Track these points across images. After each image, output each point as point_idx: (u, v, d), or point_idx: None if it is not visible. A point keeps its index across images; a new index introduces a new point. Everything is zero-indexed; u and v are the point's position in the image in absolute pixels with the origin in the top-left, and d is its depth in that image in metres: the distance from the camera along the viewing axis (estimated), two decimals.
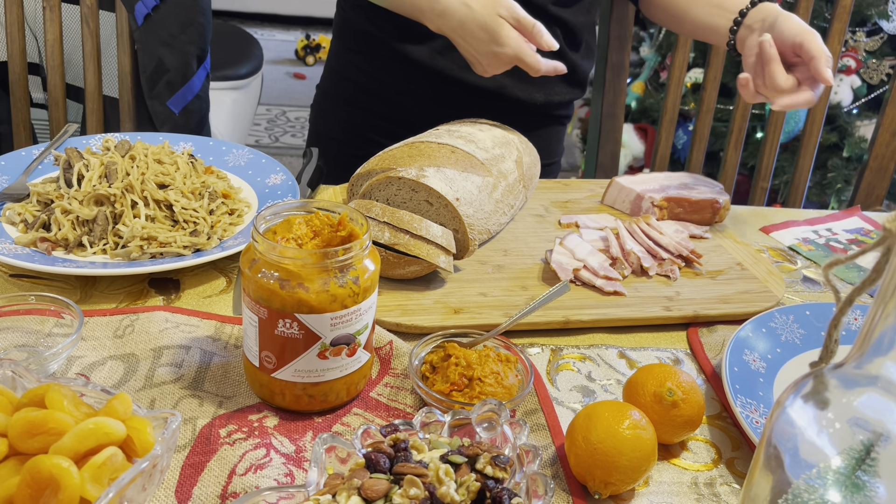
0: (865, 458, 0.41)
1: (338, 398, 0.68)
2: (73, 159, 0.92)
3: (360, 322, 0.65)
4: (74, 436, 0.51)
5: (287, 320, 0.62)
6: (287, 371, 0.65)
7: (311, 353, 0.64)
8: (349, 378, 0.67)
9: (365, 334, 0.66)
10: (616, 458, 0.59)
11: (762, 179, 1.49)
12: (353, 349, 0.66)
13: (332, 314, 0.63)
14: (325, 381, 0.66)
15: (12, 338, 0.72)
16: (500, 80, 1.17)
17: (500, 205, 0.95)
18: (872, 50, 2.53)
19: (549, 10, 1.16)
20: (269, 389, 0.67)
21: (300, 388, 0.66)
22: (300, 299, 0.62)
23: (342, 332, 0.64)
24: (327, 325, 0.63)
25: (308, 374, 0.65)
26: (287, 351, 0.64)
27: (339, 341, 0.64)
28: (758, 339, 0.80)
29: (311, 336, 0.63)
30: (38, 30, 1.41)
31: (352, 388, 0.68)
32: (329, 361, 0.65)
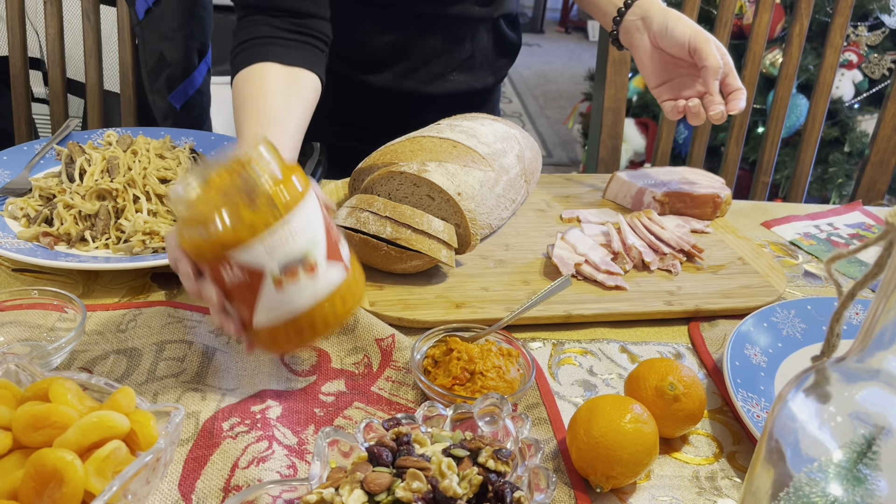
0: (867, 451, 0.41)
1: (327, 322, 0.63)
2: (75, 154, 0.92)
3: (300, 235, 0.60)
4: (78, 429, 0.52)
5: (225, 266, 0.59)
6: (260, 315, 0.61)
7: (265, 287, 0.60)
8: (327, 299, 0.62)
9: (319, 249, 0.61)
10: (618, 452, 0.59)
11: (763, 174, 1.49)
12: (311, 267, 0.61)
13: (258, 239, 0.58)
14: (301, 308, 0.61)
15: (15, 332, 0.72)
16: (454, 80, 1.20)
17: (502, 199, 0.95)
18: (874, 44, 2.52)
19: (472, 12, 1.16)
20: (261, 342, 0.64)
21: (283, 327, 0.62)
22: (220, 240, 0.58)
23: (284, 253, 0.59)
24: (262, 253, 0.58)
25: (279, 308, 0.61)
26: (245, 295, 0.61)
27: (287, 265, 0.59)
28: (759, 334, 0.80)
29: (255, 272, 0.59)
30: (39, 24, 1.41)
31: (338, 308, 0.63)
32: (290, 288, 0.60)
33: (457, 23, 1.15)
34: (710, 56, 0.94)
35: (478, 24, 1.18)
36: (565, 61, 5.27)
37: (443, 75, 1.19)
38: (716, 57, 0.94)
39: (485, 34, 1.20)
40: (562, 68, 5.11)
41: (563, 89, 4.74)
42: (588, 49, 5.59)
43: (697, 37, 0.96)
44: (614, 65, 1.41)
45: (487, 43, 1.21)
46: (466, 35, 1.18)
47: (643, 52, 1.01)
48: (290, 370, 0.73)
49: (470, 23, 1.16)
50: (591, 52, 5.39)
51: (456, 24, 1.15)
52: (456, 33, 1.16)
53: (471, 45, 1.19)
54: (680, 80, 1.01)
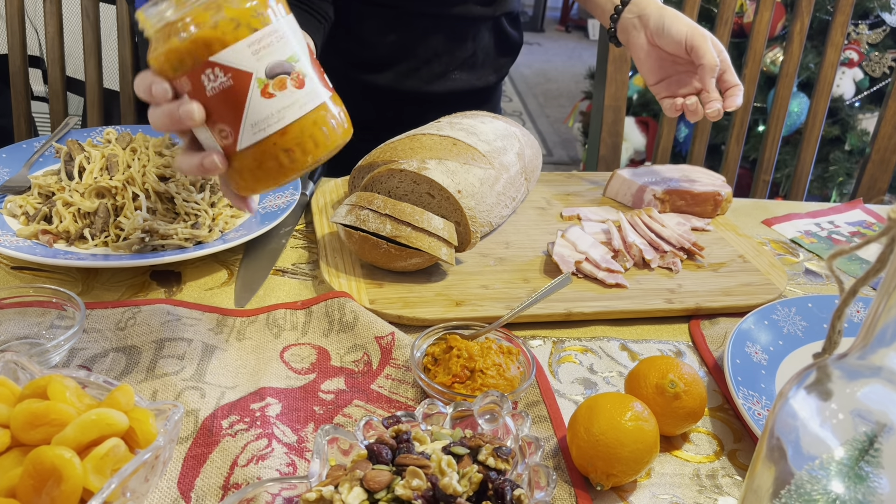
0: (868, 449, 0.41)
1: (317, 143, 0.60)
2: (75, 152, 0.92)
3: (285, 44, 0.58)
4: (77, 427, 0.51)
5: (208, 72, 0.57)
6: (246, 132, 0.58)
7: (253, 94, 0.57)
8: (316, 115, 0.60)
9: (303, 61, 0.60)
10: (618, 450, 0.59)
11: (764, 172, 1.49)
12: (299, 79, 0.59)
13: (246, 40, 0.56)
14: (289, 123, 0.59)
15: (14, 330, 0.72)
16: (455, 79, 1.20)
17: (502, 197, 0.95)
18: (875, 42, 2.52)
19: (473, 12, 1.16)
20: (244, 173, 0.61)
21: (272, 145, 0.59)
22: (206, 39, 0.56)
23: (271, 58, 0.57)
24: (248, 53, 0.57)
25: (267, 121, 0.58)
26: (231, 106, 0.58)
27: (275, 70, 0.58)
28: (760, 332, 0.79)
29: (242, 75, 0.57)
30: (39, 22, 1.41)
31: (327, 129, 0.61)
32: (279, 98, 0.58)
33: (459, 22, 1.15)
34: (706, 54, 0.94)
35: (480, 22, 1.17)
36: (565, 60, 5.27)
37: (445, 74, 1.19)
38: (713, 54, 0.94)
39: (486, 33, 1.20)
40: (562, 67, 5.10)
41: (564, 88, 4.74)
42: (588, 48, 5.58)
43: (694, 34, 0.96)
44: (614, 63, 1.41)
45: (489, 41, 1.21)
46: (468, 34, 1.17)
47: (640, 50, 1.01)
48: (290, 368, 0.73)
49: (472, 22, 1.16)
50: (591, 51, 5.39)
51: (458, 23, 1.15)
52: (458, 32, 1.16)
53: (473, 44, 1.19)
54: (678, 78, 1.01)
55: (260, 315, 0.79)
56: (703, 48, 0.94)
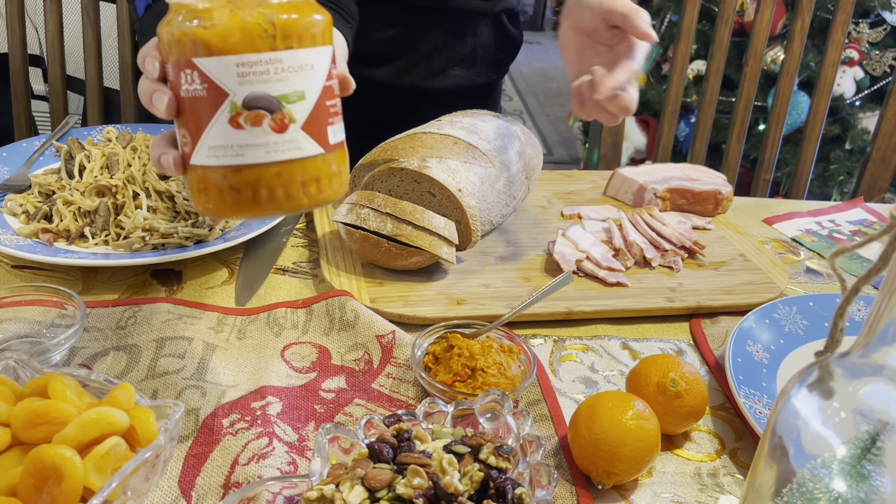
0: (870, 447, 0.41)
1: (272, 198, 0.53)
2: (75, 150, 0.92)
3: (285, 81, 0.51)
4: (77, 426, 0.51)
5: (188, 72, 0.51)
6: (202, 150, 0.52)
7: (220, 116, 0.51)
8: (284, 168, 0.52)
9: (301, 107, 0.52)
10: (619, 449, 0.59)
11: (765, 171, 1.49)
12: (281, 122, 0.51)
13: (237, 56, 0.50)
14: (246, 163, 0.51)
15: (15, 329, 0.72)
16: (455, 75, 1.18)
17: (503, 196, 0.95)
18: (875, 41, 2.52)
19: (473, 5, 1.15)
20: (192, 189, 0.55)
21: (220, 176, 0.52)
22: (196, 37, 0.50)
23: (257, 88, 0.51)
24: (233, 72, 0.50)
25: (224, 151, 0.52)
26: (197, 117, 0.52)
27: (255, 103, 0.51)
28: (761, 330, 0.79)
29: (217, 91, 0.51)
30: (39, 21, 1.41)
31: (292, 188, 0.53)
32: (247, 133, 0.51)
33: (458, 17, 1.15)
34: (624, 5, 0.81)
35: (479, 18, 1.17)
36: None
37: (444, 70, 1.18)
38: (632, 4, 0.81)
39: (486, 29, 1.20)
40: (562, 66, 5.09)
41: (564, 87, 4.73)
42: None
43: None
44: None
45: (489, 38, 1.21)
46: (468, 30, 1.17)
47: (563, 39, 0.89)
48: (291, 367, 0.72)
49: (471, 17, 1.16)
50: None
51: (458, 18, 1.15)
52: (457, 28, 1.16)
53: (472, 39, 1.19)
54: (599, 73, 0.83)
55: (260, 314, 0.79)
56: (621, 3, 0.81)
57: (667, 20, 2.74)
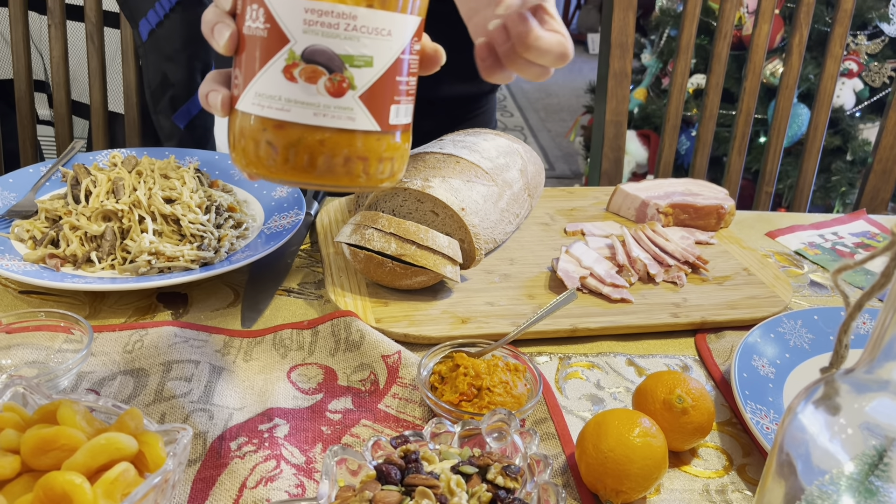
0: (878, 463, 0.41)
1: (310, 166, 0.48)
2: (81, 176, 0.92)
3: (354, 40, 0.46)
4: (86, 452, 0.52)
5: (254, 6, 0.47)
6: (248, 95, 0.48)
7: (275, 63, 0.46)
8: (330, 137, 0.48)
9: (365, 74, 0.47)
10: (627, 467, 0.59)
11: (766, 184, 1.49)
12: (339, 85, 0.46)
13: (308, 0, 0.45)
14: (291, 121, 0.47)
15: (23, 354, 0.73)
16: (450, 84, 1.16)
17: (506, 214, 0.95)
18: (874, 53, 2.53)
19: None
20: (231, 136, 0.51)
21: (261, 128, 0.48)
22: None
23: (322, 41, 0.46)
24: (300, 17, 0.45)
25: (271, 102, 0.47)
26: (252, 58, 0.48)
27: (315, 56, 0.46)
28: (766, 345, 0.79)
29: (278, 34, 0.46)
30: (44, 47, 1.42)
31: (334, 161, 0.48)
32: (299, 88, 0.46)
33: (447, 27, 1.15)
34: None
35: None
36: (566, 74, 5.29)
37: (439, 81, 1.19)
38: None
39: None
40: (562, 81, 5.12)
41: (564, 102, 4.75)
42: (588, 62, 5.61)
43: None
44: (615, 78, 1.42)
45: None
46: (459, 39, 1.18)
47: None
48: (297, 388, 0.73)
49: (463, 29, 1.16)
50: (591, 66, 5.41)
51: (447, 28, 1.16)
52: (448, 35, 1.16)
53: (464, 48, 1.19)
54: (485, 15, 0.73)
55: (266, 335, 0.79)
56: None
57: (665, 35, 2.76)
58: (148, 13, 1.24)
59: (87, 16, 1.29)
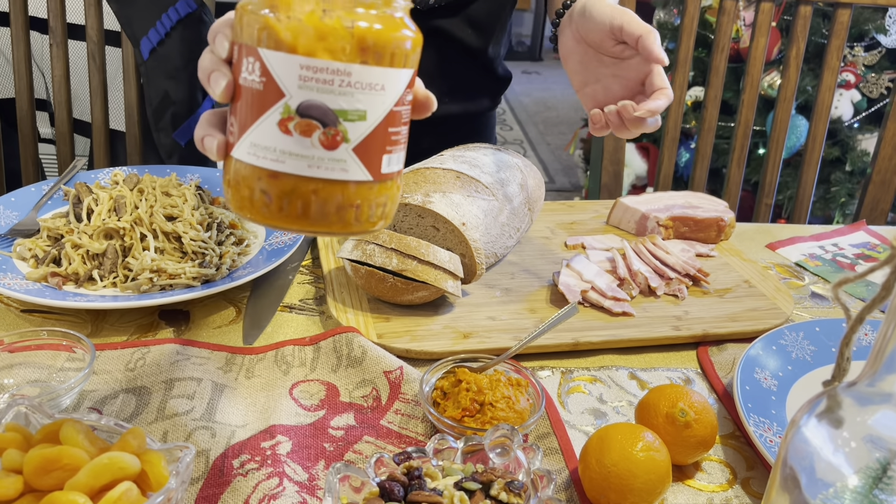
0: (882, 476, 0.41)
1: (304, 215, 0.49)
2: (83, 194, 0.93)
3: (348, 95, 0.47)
4: (89, 471, 0.51)
5: (250, 59, 0.48)
6: (244, 145, 0.49)
7: (271, 115, 0.47)
8: (323, 187, 0.48)
9: (358, 127, 0.48)
10: (630, 481, 0.59)
11: (766, 196, 1.50)
12: (332, 139, 0.47)
13: (303, 58, 0.46)
14: (285, 172, 0.48)
15: (25, 373, 0.73)
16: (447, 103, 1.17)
17: (506, 228, 0.96)
18: (871, 64, 2.54)
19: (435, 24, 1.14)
20: (226, 181, 0.52)
21: (256, 177, 0.49)
22: (267, 25, 0.46)
23: (316, 97, 0.47)
24: (295, 73, 0.46)
25: (266, 153, 0.48)
26: (247, 110, 0.49)
27: (310, 111, 0.47)
28: (768, 357, 0.79)
29: (274, 89, 0.47)
30: (45, 66, 1.43)
31: (327, 209, 0.49)
32: (293, 141, 0.47)
33: (445, 46, 1.16)
34: (639, 25, 0.80)
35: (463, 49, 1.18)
36: (564, 88, 5.31)
37: (439, 97, 1.20)
38: (646, 25, 0.80)
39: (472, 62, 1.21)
40: (561, 95, 5.15)
41: (563, 116, 4.77)
42: None
43: (620, 13, 0.82)
44: None
45: (476, 71, 1.22)
46: (457, 59, 1.19)
47: (565, 48, 0.88)
48: (299, 405, 0.73)
49: (460, 49, 1.17)
50: None
51: (445, 46, 1.16)
52: (446, 55, 1.17)
53: (461, 69, 1.20)
54: (604, 84, 0.86)
55: (268, 352, 0.79)
56: (634, 21, 0.80)
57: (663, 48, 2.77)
58: (149, 32, 1.25)
59: (88, 35, 1.30)
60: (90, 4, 1.29)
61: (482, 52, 1.19)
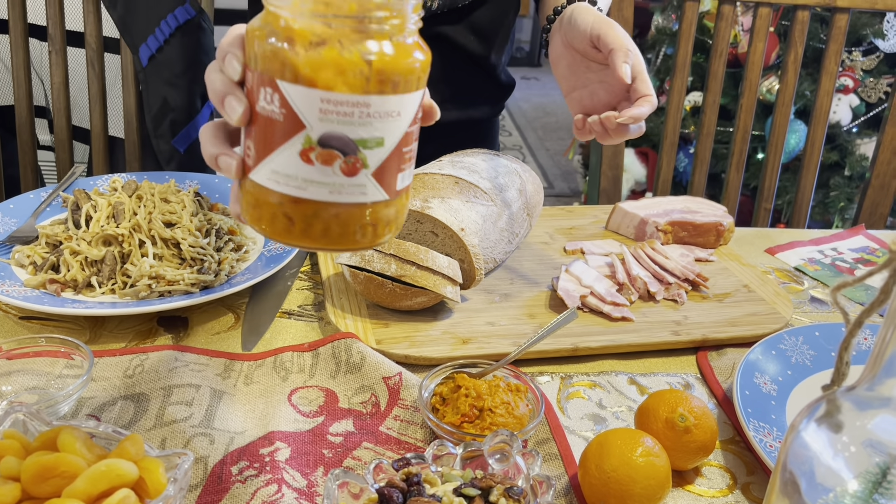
0: (882, 480, 0.41)
1: (325, 235, 0.51)
2: (81, 201, 0.93)
3: (367, 125, 0.48)
4: (87, 478, 0.51)
5: (268, 90, 0.48)
6: (264, 170, 0.50)
7: (291, 146, 0.48)
8: (344, 210, 0.50)
9: (377, 153, 0.49)
10: (630, 487, 0.59)
11: (765, 200, 1.50)
12: (352, 166, 0.49)
13: (324, 92, 0.46)
14: (307, 198, 0.49)
15: (23, 380, 0.72)
16: (450, 110, 1.19)
17: (505, 233, 0.96)
18: (869, 69, 2.55)
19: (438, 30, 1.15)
20: (245, 200, 0.52)
21: (277, 202, 0.50)
22: (286, 60, 0.46)
23: (337, 128, 0.47)
24: (316, 107, 0.47)
25: (287, 180, 0.49)
26: (266, 138, 0.49)
27: (331, 142, 0.48)
28: (768, 362, 0.79)
29: (294, 120, 0.48)
30: (44, 73, 1.44)
31: (348, 229, 0.51)
32: (315, 169, 0.48)
33: (448, 52, 1.16)
34: (615, 39, 0.82)
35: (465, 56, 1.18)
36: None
37: (439, 106, 1.20)
38: (622, 39, 0.82)
39: (475, 68, 1.22)
40: (560, 101, 5.15)
41: (562, 121, 4.78)
42: None
43: (600, 22, 0.84)
44: None
45: (479, 77, 1.23)
46: (460, 66, 1.19)
47: (554, 53, 0.90)
48: (298, 411, 0.72)
49: (463, 55, 1.17)
50: None
51: (448, 53, 1.17)
52: (448, 61, 1.17)
53: (464, 75, 1.20)
54: (591, 90, 0.88)
55: (267, 358, 0.79)
56: (611, 34, 0.82)
57: (662, 53, 2.78)
58: (148, 39, 1.26)
59: (87, 42, 1.30)
60: (89, 11, 1.29)
61: (485, 58, 1.19)
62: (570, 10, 0.87)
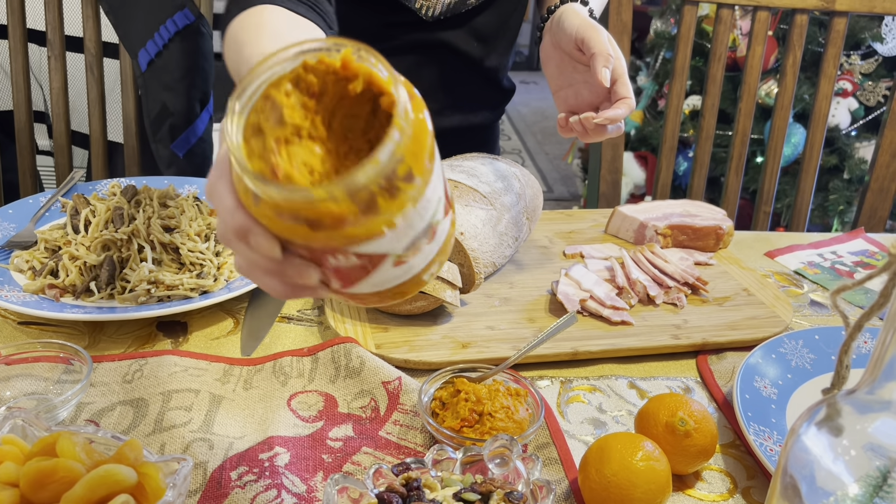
0: (882, 484, 0.41)
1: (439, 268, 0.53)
2: (80, 206, 0.93)
3: (428, 210, 0.47)
4: (85, 484, 0.51)
5: (338, 255, 0.46)
6: (365, 288, 0.50)
7: (383, 267, 0.48)
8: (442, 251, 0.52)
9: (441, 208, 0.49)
10: (630, 491, 0.59)
11: (764, 204, 1.50)
12: (433, 232, 0.49)
13: (389, 230, 0.45)
14: (413, 275, 0.51)
15: (22, 386, 0.72)
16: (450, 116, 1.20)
17: (505, 237, 0.95)
18: (868, 72, 2.55)
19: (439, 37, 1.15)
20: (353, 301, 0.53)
21: (389, 293, 0.52)
22: (343, 235, 0.44)
23: (412, 233, 0.47)
24: (391, 240, 0.46)
25: (394, 281, 0.50)
26: (352, 275, 0.48)
27: (413, 243, 0.48)
28: (768, 366, 0.79)
29: (376, 258, 0.47)
30: (43, 78, 1.44)
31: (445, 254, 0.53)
32: (411, 261, 0.49)
33: (450, 58, 1.16)
34: (597, 44, 0.85)
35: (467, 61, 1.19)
36: None
37: (440, 112, 1.20)
38: (604, 44, 0.85)
39: (475, 74, 1.22)
40: None
41: None
42: None
43: (585, 26, 0.87)
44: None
45: (479, 82, 1.23)
46: (462, 72, 1.19)
47: (545, 53, 0.94)
48: (298, 416, 0.72)
49: (456, 56, 1.17)
50: None
51: (450, 58, 1.17)
52: (450, 67, 1.17)
53: (465, 81, 1.20)
54: (576, 90, 0.91)
55: (266, 363, 0.79)
56: (594, 39, 0.85)
57: (661, 57, 2.78)
58: (147, 44, 1.26)
59: (86, 47, 1.30)
60: (88, 17, 1.29)
61: (487, 64, 1.20)
62: (560, 12, 0.91)
